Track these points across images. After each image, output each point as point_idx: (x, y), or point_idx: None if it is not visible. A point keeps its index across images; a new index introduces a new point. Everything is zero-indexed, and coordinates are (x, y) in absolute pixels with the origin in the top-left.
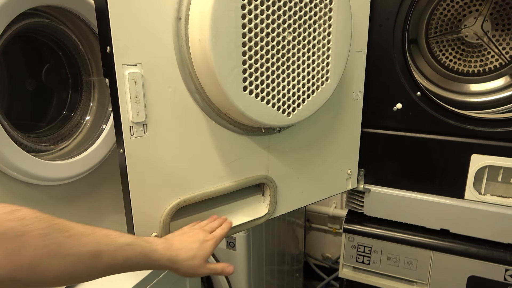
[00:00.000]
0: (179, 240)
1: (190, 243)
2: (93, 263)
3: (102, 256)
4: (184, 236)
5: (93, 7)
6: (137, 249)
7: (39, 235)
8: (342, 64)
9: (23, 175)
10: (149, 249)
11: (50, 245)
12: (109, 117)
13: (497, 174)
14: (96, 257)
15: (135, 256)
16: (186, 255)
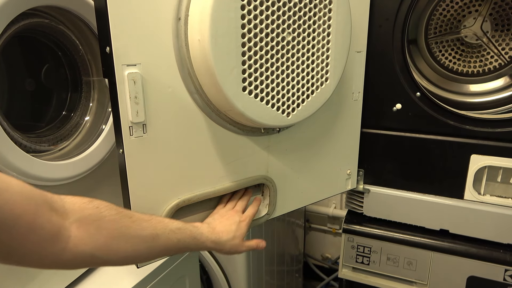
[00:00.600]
0: (219, 223)
1: (229, 225)
2: (152, 244)
3: (159, 238)
4: (223, 219)
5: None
6: (186, 232)
7: (112, 220)
8: (342, 64)
9: (23, 175)
10: (196, 233)
11: (120, 228)
12: (108, 117)
13: (496, 175)
14: (154, 239)
15: (185, 239)
16: (227, 237)
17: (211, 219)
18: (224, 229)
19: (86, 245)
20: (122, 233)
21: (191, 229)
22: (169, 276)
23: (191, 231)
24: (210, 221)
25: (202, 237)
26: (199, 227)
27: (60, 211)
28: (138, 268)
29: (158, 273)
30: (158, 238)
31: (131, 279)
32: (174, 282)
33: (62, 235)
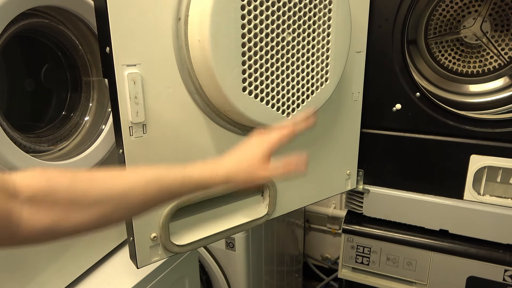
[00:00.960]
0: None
1: (240, 150)
2: (122, 204)
3: (133, 193)
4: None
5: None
6: (173, 174)
7: (65, 191)
8: (342, 64)
9: None
10: (187, 170)
11: (77, 197)
12: (108, 117)
13: (496, 175)
14: (123, 198)
15: (173, 182)
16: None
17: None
18: (235, 157)
19: (41, 221)
20: (80, 201)
21: (179, 169)
22: (169, 276)
23: (180, 170)
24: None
25: (195, 174)
26: (188, 166)
27: (10, 191)
28: (138, 268)
29: (158, 273)
30: (131, 193)
31: (131, 279)
32: (173, 282)
33: (12, 217)
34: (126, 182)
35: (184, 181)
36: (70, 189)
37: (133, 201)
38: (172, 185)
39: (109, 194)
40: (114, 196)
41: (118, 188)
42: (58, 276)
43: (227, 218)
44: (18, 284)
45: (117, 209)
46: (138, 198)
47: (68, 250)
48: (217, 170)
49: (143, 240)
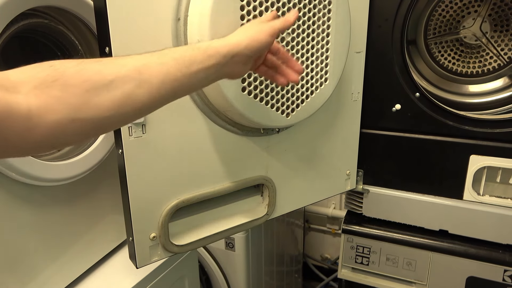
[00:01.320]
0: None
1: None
2: (142, 78)
3: (149, 67)
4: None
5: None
6: (182, 48)
7: (76, 72)
8: (341, 65)
9: (22, 176)
10: (195, 44)
11: (92, 77)
12: None
13: (495, 175)
14: (141, 72)
15: (184, 54)
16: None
17: None
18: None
19: (57, 111)
20: (95, 82)
21: (190, 45)
22: (169, 276)
23: (187, 45)
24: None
25: (204, 45)
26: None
27: (6, 86)
28: (138, 268)
29: (157, 273)
30: (147, 68)
31: (131, 279)
32: (173, 282)
33: (17, 112)
34: (139, 57)
35: (194, 50)
36: (80, 70)
37: (154, 74)
38: (184, 54)
39: (124, 71)
40: (131, 71)
41: (132, 63)
42: (58, 276)
43: (226, 218)
44: (18, 284)
45: (139, 86)
46: (157, 69)
47: (68, 250)
48: (223, 39)
49: (143, 240)
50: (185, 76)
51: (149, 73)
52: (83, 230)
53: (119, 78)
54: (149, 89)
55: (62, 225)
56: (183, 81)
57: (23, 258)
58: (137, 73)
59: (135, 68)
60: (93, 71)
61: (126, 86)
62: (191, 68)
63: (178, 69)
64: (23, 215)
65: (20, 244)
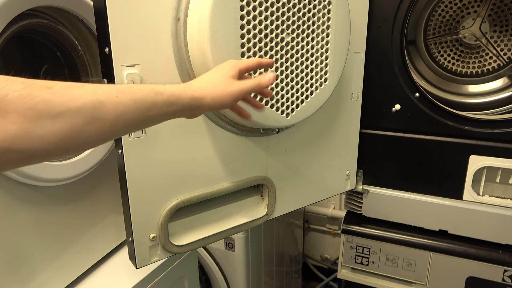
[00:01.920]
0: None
1: (213, 75)
2: (95, 115)
3: (105, 105)
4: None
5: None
6: (144, 89)
7: (19, 97)
8: (341, 65)
9: (21, 176)
10: (158, 87)
11: (37, 105)
12: None
13: (495, 175)
14: (96, 108)
15: (145, 97)
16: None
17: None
18: (205, 80)
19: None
20: (41, 111)
21: (151, 85)
22: (168, 277)
23: (150, 86)
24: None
25: (168, 91)
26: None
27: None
28: (138, 268)
29: (157, 274)
30: (103, 105)
31: (131, 280)
32: (173, 282)
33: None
34: (96, 91)
35: (156, 95)
36: (26, 95)
37: (108, 112)
38: (145, 99)
39: (76, 105)
40: (84, 107)
41: (88, 98)
42: (58, 276)
43: (226, 219)
44: (18, 284)
45: (90, 122)
46: (113, 108)
47: (68, 250)
48: (188, 87)
49: (142, 240)
50: (140, 118)
51: (103, 110)
52: (83, 230)
53: (70, 111)
54: (100, 127)
55: (62, 225)
56: (138, 122)
57: (23, 258)
58: (90, 108)
59: (90, 103)
60: (40, 99)
61: (76, 120)
62: (149, 113)
63: (135, 111)
64: (23, 215)
65: (20, 244)
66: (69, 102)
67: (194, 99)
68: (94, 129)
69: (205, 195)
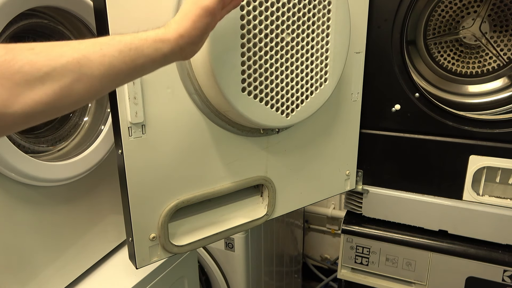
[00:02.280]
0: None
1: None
2: (83, 71)
3: (90, 59)
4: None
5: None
6: (127, 37)
7: (3, 62)
8: (341, 65)
9: (21, 176)
10: (141, 34)
11: (23, 67)
12: (107, 118)
13: (495, 175)
14: (82, 64)
15: (129, 43)
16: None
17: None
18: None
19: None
20: (28, 73)
21: (134, 34)
22: (168, 277)
23: (134, 34)
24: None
25: (151, 36)
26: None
27: None
28: (137, 268)
29: (157, 274)
30: (88, 60)
31: (130, 280)
32: (173, 283)
33: None
34: (79, 46)
35: (140, 40)
36: (10, 59)
37: (95, 67)
38: (130, 46)
39: (61, 62)
40: (69, 63)
41: (71, 53)
42: (58, 276)
43: (226, 219)
44: (18, 285)
45: (78, 80)
46: (99, 62)
47: (68, 250)
48: (168, 26)
49: (142, 241)
50: (130, 68)
51: (90, 65)
52: (83, 230)
53: (56, 70)
54: (89, 82)
55: (61, 225)
56: (128, 73)
57: (23, 258)
58: (76, 65)
59: (74, 59)
60: (25, 61)
61: (64, 79)
62: (137, 61)
63: (123, 61)
64: (22, 215)
65: (19, 245)
66: (53, 61)
67: (176, 38)
68: (84, 86)
69: (205, 195)
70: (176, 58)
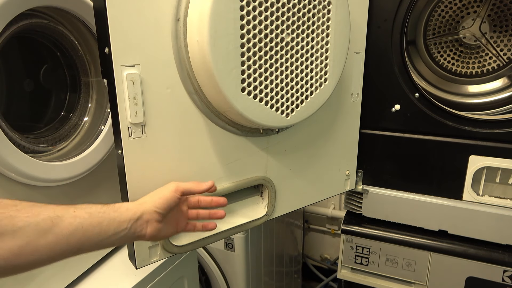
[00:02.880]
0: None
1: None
2: (53, 230)
3: (63, 219)
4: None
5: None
6: (99, 204)
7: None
8: (341, 65)
9: (21, 176)
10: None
11: (2, 221)
12: (107, 118)
13: (495, 175)
14: (54, 223)
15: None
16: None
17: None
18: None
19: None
20: (4, 227)
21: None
22: (168, 277)
23: (105, 204)
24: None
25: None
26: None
27: None
28: (137, 268)
29: (157, 274)
30: (61, 220)
31: (130, 280)
32: (173, 283)
33: None
34: (55, 208)
35: (109, 207)
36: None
37: (63, 227)
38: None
39: (36, 220)
40: (41, 222)
41: (47, 214)
42: (58, 276)
43: (226, 219)
44: (18, 285)
45: (45, 236)
46: (67, 223)
47: None
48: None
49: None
50: (95, 231)
51: (60, 225)
52: None
53: (29, 226)
54: (56, 240)
55: None
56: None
57: None
58: (49, 223)
59: (49, 218)
60: (5, 215)
61: (33, 234)
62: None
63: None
64: None
65: None
66: (30, 218)
67: (137, 206)
68: (49, 243)
69: (205, 195)
70: (139, 229)
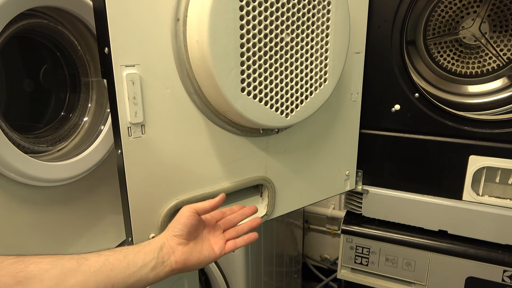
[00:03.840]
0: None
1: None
2: (80, 270)
3: (87, 259)
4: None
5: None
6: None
7: (11, 264)
8: (341, 65)
9: (21, 176)
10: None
11: (28, 267)
12: (107, 118)
13: (495, 175)
14: (80, 264)
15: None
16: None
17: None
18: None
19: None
20: (29, 273)
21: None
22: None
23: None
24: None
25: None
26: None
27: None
28: None
29: None
30: (86, 260)
31: None
32: (172, 283)
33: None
34: (73, 255)
35: (134, 248)
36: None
37: (90, 265)
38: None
39: (61, 262)
40: (65, 262)
41: (69, 256)
42: None
43: None
44: None
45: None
46: (93, 263)
47: (68, 250)
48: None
49: (142, 241)
50: (128, 277)
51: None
52: (83, 230)
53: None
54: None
55: (61, 225)
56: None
57: None
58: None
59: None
60: (30, 262)
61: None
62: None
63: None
64: (22, 215)
65: (19, 245)
66: (56, 260)
67: (156, 239)
68: (78, 283)
69: (205, 195)
70: (166, 258)
